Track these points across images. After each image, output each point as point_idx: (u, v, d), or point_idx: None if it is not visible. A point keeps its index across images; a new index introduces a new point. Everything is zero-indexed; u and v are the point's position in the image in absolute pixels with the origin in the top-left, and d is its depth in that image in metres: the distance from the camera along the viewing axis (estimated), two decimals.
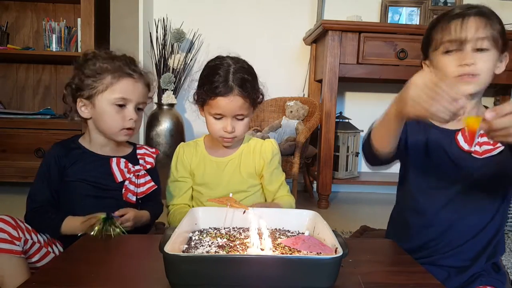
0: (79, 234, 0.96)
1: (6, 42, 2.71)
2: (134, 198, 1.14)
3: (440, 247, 0.98)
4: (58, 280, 0.70)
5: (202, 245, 0.75)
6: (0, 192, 2.61)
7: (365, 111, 2.92)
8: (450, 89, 0.67)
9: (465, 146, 0.96)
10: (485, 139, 0.94)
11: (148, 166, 1.18)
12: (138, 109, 1.13)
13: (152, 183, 1.18)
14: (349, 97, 3.10)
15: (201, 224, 0.87)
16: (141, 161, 1.18)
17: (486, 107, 1.01)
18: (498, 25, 0.95)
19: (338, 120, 2.61)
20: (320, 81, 2.72)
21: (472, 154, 0.95)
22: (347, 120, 2.73)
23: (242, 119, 1.12)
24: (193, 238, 0.80)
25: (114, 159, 1.13)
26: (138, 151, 1.20)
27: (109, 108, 1.08)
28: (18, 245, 0.93)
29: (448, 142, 0.98)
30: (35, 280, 0.70)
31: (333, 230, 0.74)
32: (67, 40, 2.68)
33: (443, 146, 0.98)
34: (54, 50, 2.65)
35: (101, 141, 1.14)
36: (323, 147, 2.48)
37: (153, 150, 1.23)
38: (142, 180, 1.16)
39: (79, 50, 2.51)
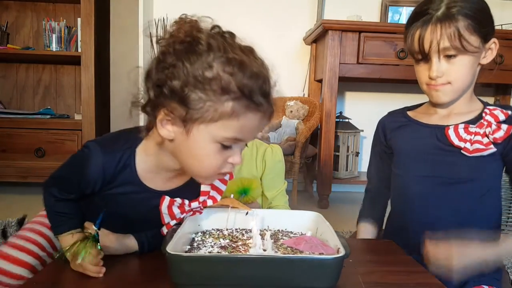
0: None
1: (6, 42, 2.71)
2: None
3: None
4: (59, 280, 0.70)
5: (205, 246, 0.75)
6: (0, 192, 2.61)
7: (365, 111, 2.94)
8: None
9: (455, 141, 0.94)
10: (478, 137, 0.92)
11: (210, 203, 0.82)
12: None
13: None
14: (349, 97, 3.10)
15: (203, 225, 0.87)
16: (202, 198, 0.82)
17: (485, 103, 0.99)
18: (468, 21, 0.88)
19: (338, 120, 2.62)
20: (320, 80, 2.72)
21: (462, 151, 0.93)
22: (347, 120, 2.73)
23: None
24: (196, 239, 0.80)
25: (167, 200, 0.79)
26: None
27: (209, 146, 0.68)
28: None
29: (438, 136, 0.97)
30: (36, 280, 0.70)
31: (335, 231, 0.75)
32: (67, 40, 2.69)
33: (432, 140, 0.97)
34: (54, 50, 2.66)
35: (167, 169, 0.78)
36: (323, 147, 2.49)
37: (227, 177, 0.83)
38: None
39: (79, 50, 2.51)
